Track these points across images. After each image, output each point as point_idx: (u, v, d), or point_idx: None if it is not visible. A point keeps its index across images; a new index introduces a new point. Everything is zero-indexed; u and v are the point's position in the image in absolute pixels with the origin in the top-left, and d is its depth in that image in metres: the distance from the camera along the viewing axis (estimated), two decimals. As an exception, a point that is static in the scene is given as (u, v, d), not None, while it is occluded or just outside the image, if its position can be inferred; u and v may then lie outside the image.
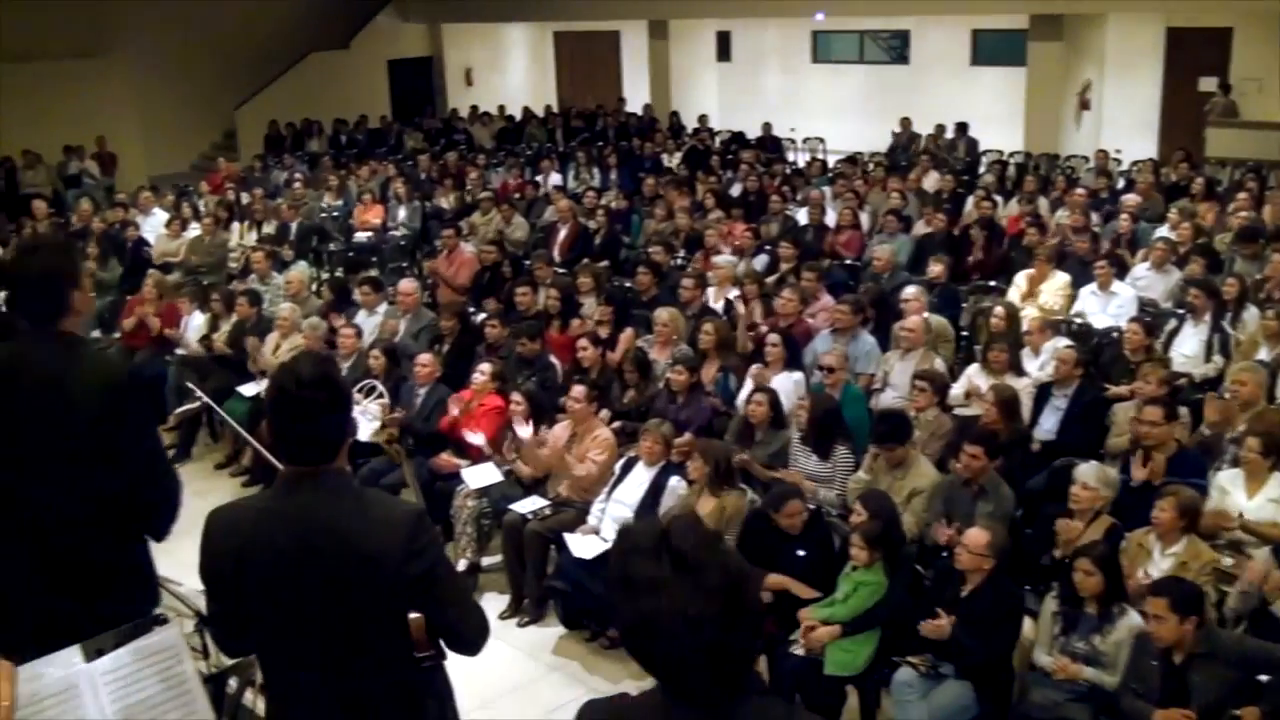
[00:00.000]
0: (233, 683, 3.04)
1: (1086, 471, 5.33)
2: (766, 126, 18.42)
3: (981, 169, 15.22)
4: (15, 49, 17.65)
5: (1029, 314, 8.04)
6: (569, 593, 5.90)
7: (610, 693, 5.29)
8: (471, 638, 2.71)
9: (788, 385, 6.99)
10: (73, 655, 2.55)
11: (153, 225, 12.97)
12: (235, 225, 13.01)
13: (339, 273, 11.67)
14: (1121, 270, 8.92)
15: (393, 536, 2.55)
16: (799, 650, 5.01)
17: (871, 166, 14.19)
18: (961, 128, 16.91)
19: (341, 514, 2.56)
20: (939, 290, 8.74)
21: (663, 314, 7.88)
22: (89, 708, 2.51)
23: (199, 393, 6.86)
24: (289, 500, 2.59)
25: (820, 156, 16.86)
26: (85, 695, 2.51)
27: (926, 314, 7.72)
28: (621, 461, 6.24)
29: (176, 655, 2.62)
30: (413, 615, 2.62)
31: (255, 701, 3.10)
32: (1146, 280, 8.90)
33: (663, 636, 1.79)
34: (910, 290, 7.94)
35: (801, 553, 5.29)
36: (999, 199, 11.73)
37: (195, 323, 9.27)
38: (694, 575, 1.77)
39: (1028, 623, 4.90)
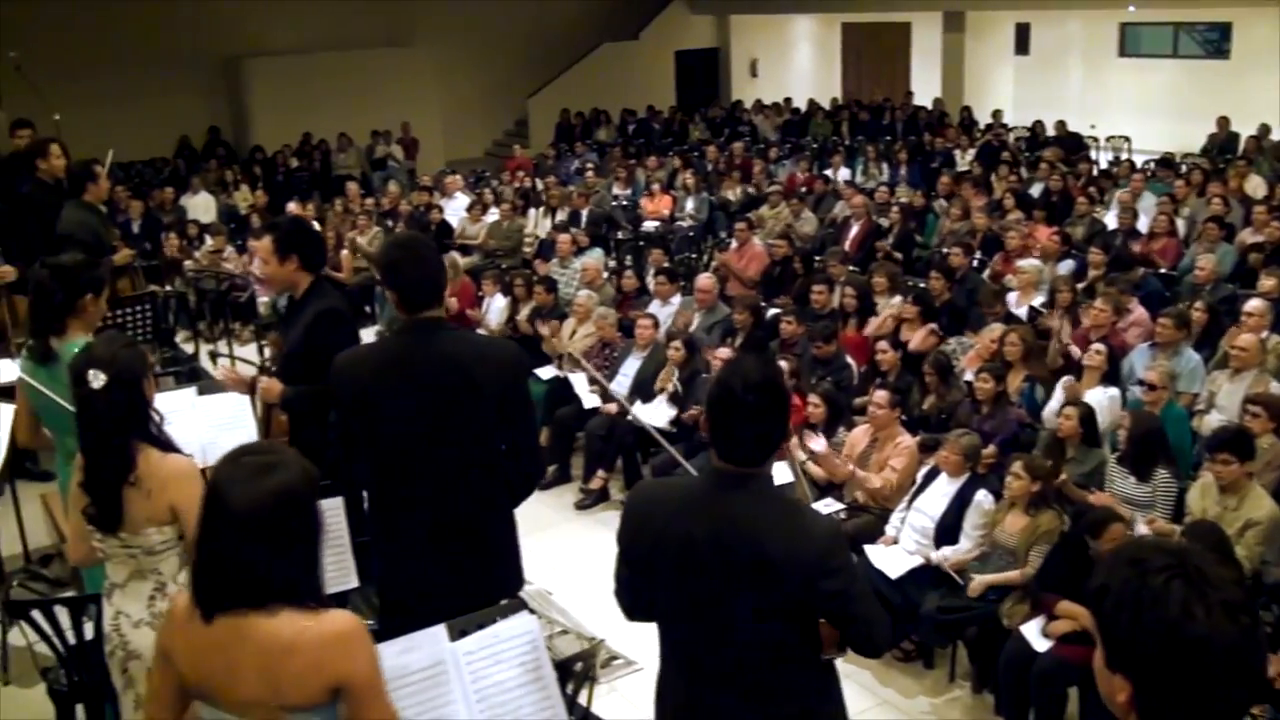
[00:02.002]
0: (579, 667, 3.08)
1: None
2: (1060, 125, 17.52)
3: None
4: (332, 38, 18.94)
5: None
6: (865, 602, 5.76)
7: (906, 707, 5.15)
8: (877, 649, 2.77)
9: (1102, 401, 6.58)
10: (439, 634, 2.64)
11: (454, 209, 13.58)
12: (531, 211, 13.47)
13: (626, 261, 11.90)
14: None
15: (809, 550, 2.57)
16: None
17: (1186, 169, 13.24)
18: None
19: (761, 518, 2.60)
20: (1271, 306, 8.02)
21: (997, 331, 7.51)
22: (453, 687, 2.59)
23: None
24: (713, 495, 2.65)
25: (1126, 156, 15.90)
26: (450, 674, 2.59)
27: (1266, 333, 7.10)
28: (924, 471, 6.03)
29: (534, 642, 2.67)
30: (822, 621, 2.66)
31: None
32: None
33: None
34: (1254, 304, 7.28)
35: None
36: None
37: (498, 305, 9.64)
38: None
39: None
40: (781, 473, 6.52)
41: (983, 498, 5.71)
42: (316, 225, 12.13)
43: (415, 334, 3.48)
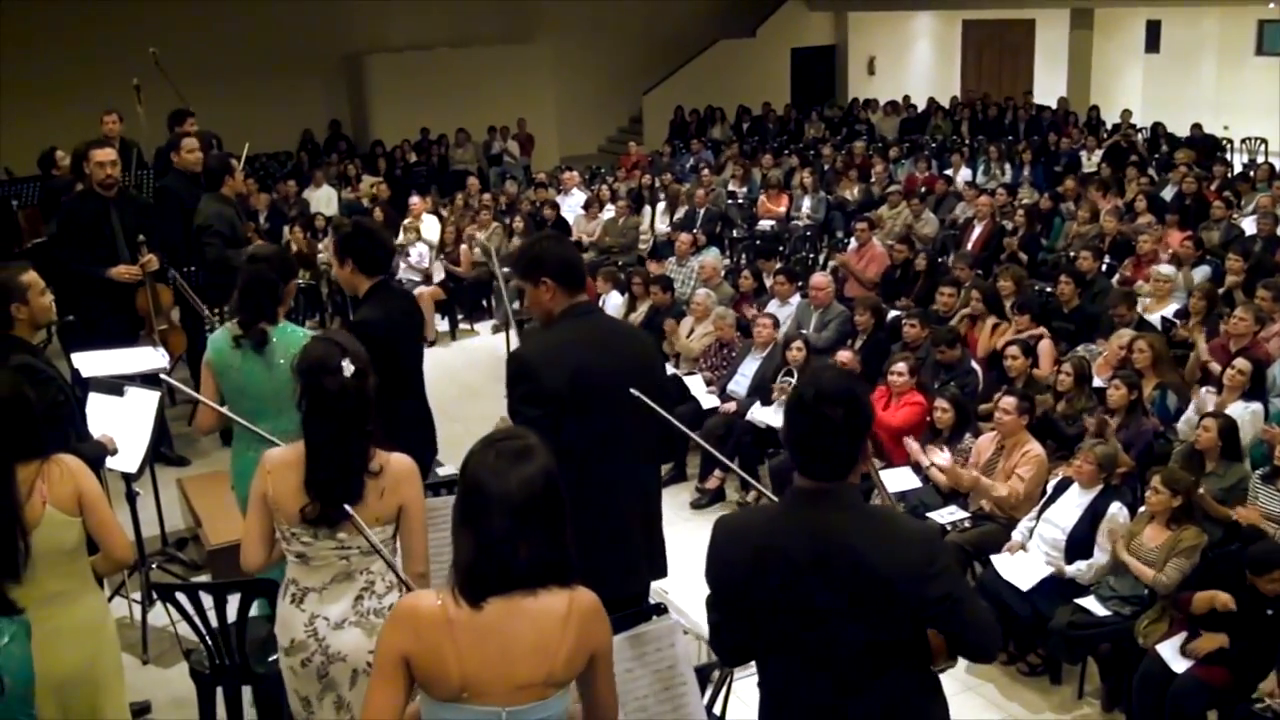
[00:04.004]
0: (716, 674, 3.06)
1: None
2: (1196, 126, 16.93)
3: None
4: (453, 34, 19.21)
5: None
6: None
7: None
8: (989, 653, 2.73)
9: (1243, 415, 6.32)
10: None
11: (570, 205, 13.64)
12: (646, 209, 13.47)
13: (741, 260, 11.82)
14: None
15: (911, 558, 2.51)
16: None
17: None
18: None
19: (856, 531, 2.54)
20: None
21: (1126, 336, 7.29)
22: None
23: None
24: (803, 513, 2.59)
25: (1263, 159, 15.29)
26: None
27: None
28: (1054, 481, 5.87)
29: (673, 646, 2.65)
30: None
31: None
32: None
33: None
34: None
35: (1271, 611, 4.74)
36: None
37: (614, 302, 9.64)
38: None
39: None
40: (904, 478, 6.49)
41: (1117, 509, 5.53)
42: (435, 220, 12.41)
43: (589, 315, 3.71)
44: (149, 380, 5.64)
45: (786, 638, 2.60)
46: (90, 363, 5.91)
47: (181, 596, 4.02)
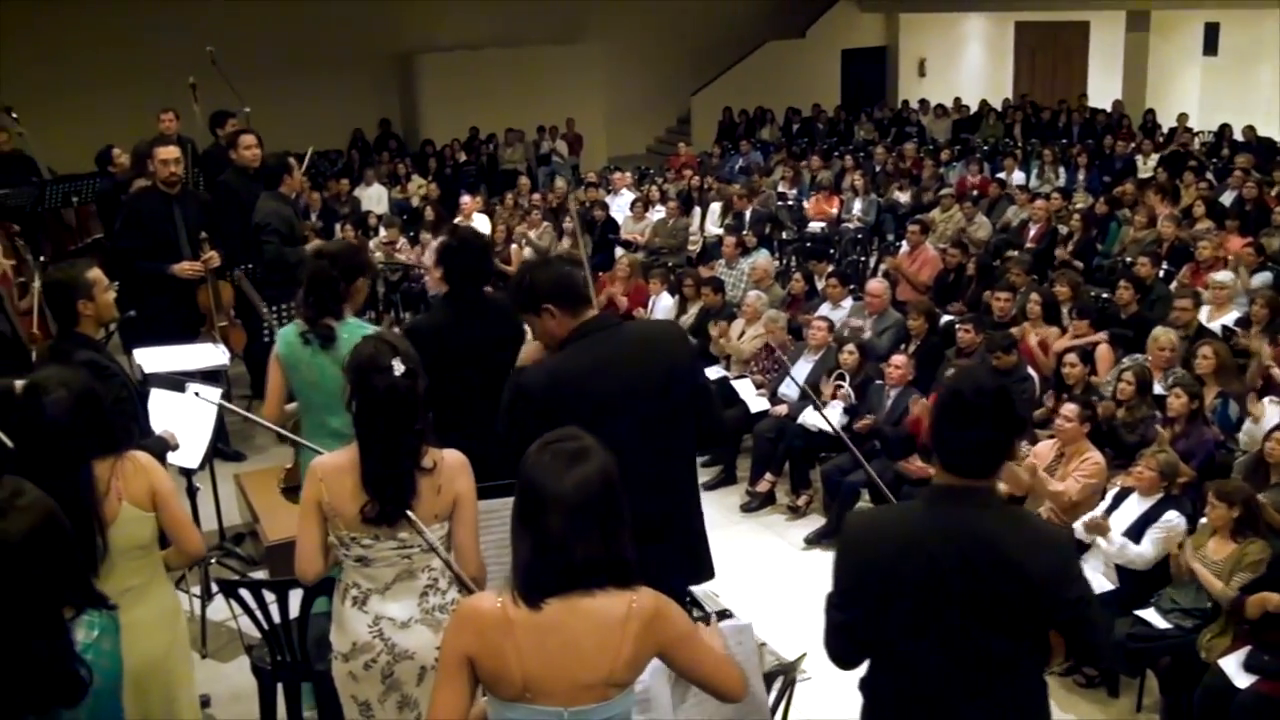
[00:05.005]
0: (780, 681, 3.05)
1: None
2: (1249, 129, 16.65)
3: None
4: (503, 34, 19.28)
5: None
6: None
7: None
8: (1106, 655, 2.91)
9: (1310, 424, 6.21)
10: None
11: (620, 205, 13.65)
12: (695, 210, 13.44)
13: (791, 262, 11.78)
14: None
15: (1054, 559, 2.55)
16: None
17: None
18: None
19: (1003, 532, 2.56)
20: None
21: (1161, 336, 7.23)
22: (653, 686, 2.59)
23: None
24: (947, 511, 2.60)
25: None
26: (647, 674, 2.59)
27: None
28: (1115, 490, 5.79)
29: (740, 645, 2.64)
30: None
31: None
32: None
33: None
34: None
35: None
36: None
37: (664, 304, 9.63)
38: None
39: None
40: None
41: (1174, 516, 5.45)
42: (486, 219, 12.46)
43: (599, 331, 3.54)
44: (209, 377, 5.71)
45: (917, 636, 2.59)
46: (152, 359, 5.98)
47: (244, 592, 4.05)
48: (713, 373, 8.38)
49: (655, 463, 3.48)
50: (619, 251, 12.02)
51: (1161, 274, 9.47)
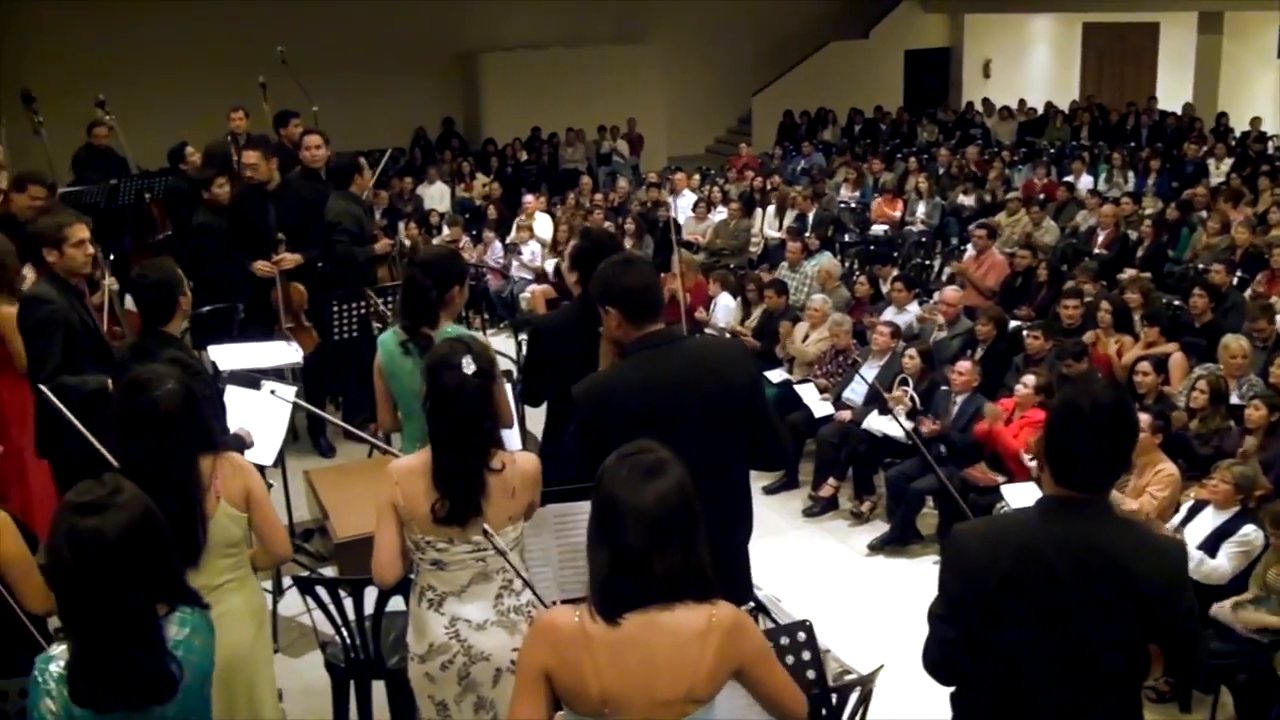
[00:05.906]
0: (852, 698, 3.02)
1: None
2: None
3: None
4: (565, 34, 19.35)
5: None
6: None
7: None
8: (1204, 670, 2.87)
9: (1391, 439, 6.07)
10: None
11: (682, 206, 13.63)
12: (757, 212, 13.40)
13: (854, 266, 11.69)
14: None
15: (1168, 570, 2.54)
16: None
17: None
18: None
19: (1120, 544, 2.54)
20: None
21: (1233, 344, 7.10)
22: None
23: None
24: (1063, 523, 2.56)
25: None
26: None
27: None
28: (1189, 504, 5.69)
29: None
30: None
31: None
32: None
33: None
34: None
35: None
36: None
37: (725, 305, 9.61)
38: None
39: None
40: (1029, 493, 6.34)
41: (1251, 530, 5.34)
42: (549, 218, 12.50)
43: (658, 348, 3.44)
44: (279, 375, 5.79)
45: (1029, 648, 2.55)
46: (228, 356, 6.08)
47: (320, 590, 4.09)
48: (775, 376, 8.35)
49: (696, 484, 3.42)
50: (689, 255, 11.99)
51: (1235, 281, 9.30)
